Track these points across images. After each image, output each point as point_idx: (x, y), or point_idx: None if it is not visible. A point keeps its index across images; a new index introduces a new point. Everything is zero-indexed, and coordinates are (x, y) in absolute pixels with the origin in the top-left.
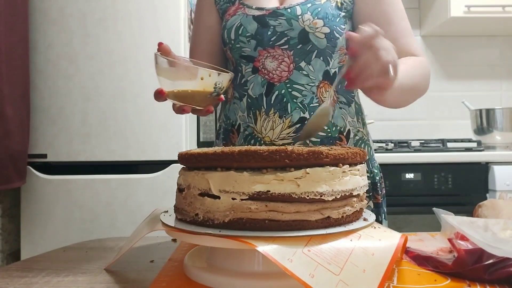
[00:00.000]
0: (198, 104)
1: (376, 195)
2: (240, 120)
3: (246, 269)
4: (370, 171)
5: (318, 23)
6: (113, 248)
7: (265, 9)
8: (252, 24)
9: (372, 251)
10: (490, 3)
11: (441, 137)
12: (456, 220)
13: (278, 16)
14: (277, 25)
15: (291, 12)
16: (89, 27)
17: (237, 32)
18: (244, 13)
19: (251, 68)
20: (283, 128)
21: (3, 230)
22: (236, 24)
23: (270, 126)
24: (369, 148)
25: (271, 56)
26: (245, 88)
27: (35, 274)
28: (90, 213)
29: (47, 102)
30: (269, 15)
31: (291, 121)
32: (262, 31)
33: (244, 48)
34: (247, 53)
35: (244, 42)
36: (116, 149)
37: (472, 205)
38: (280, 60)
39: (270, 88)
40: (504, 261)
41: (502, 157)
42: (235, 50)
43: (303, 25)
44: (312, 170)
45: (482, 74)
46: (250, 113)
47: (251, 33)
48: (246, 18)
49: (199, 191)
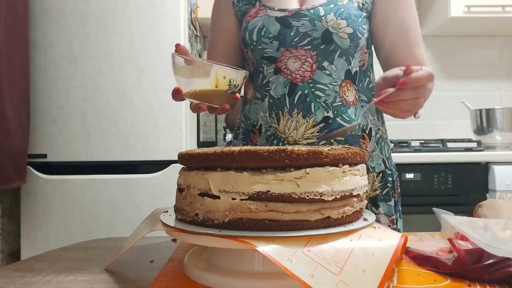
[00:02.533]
0: (214, 102)
1: (394, 193)
2: (262, 121)
3: (246, 269)
4: (390, 169)
5: (342, 23)
6: (113, 248)
7: (287, 10)
8: (274, 25)
9: (372, 251)
10: (490, 3)
11: (441, 137)
12: (456, 220)
13: (301, 17)
14: (300, 26)
15: (314, 13)
16: (89, 27)
17: (259, 34)
18: (266, 14)
19: (273, 69)
20: (307, 128)
21: (3, 230)
22: (259, 26)
23: (293, 126)
24: (387, 147)
25: (293, 56)
26: (267, 89)
27: (35, 274)
28: (90, 213)
29: (47, 102)
30: (292, 16)
31: (315, 120)
32: (285, 32)
33: (266, 49)
34: (270, 54)
35: (266, 44)
36: (116, 149)
37: (472, 205)
38: (303, 60)
39: (292, 88)
40: (504, 261)
41: (502, 157)
42: (257, 51)
43: (327, 25)
44: (312, 170)
45: (482, 74)
46: (273, 113)
47: (273, 34)
48: (269, 20)
49: (199, 191)
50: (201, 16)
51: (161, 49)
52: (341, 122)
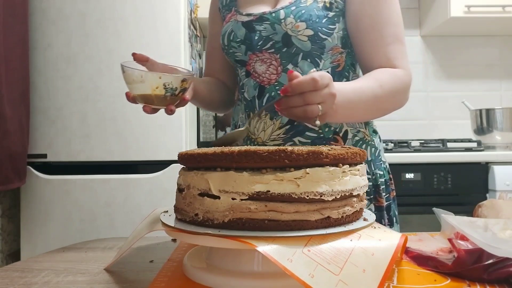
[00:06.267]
0: (157, 104)
1: (379, 198)
2: (240, 121)
3: (246, 269)
4: (372, 173)
5: (301, 25)
6: (113, 248)
7: (253, 14)
8: (241, 30)
9: (372, 251)
10: (490, 3)
11: (441, 137)
12: (456, 220)
13: (264, 21)
14: (262, 29)
15: (275, 16)
16: (88, 27)
17: (229, 38)
18: (236, 19)
19: (245, 72)
20: (273, 130)
21: (3, 230)
22: (228, 31)
23: (262, 127)
24: (373, 149)
25: (260, 60)
26: (242, 91)
27: (35, 274)
28: (90, 213)
29: (46, 102)
30: (255, 21)
31: (281, 122)
32: (250, 36)
33: (236, 53)
34: (240, 57)
35: (235, 48)
36: (115, 149)
37: (472, 205)
38: (268, 63)
39: (261, 91)
40: (504, 261)
41: (502, 157)
42: (229, 55)
43: (286, 28)
44: (312, 170)
45: (482, 74)
46: (246, 114)
47: (240, 38)
48: (237, 24)
49: (199, 191)
50: (201, 16)
51: (160, 49)
52: (307, 124)
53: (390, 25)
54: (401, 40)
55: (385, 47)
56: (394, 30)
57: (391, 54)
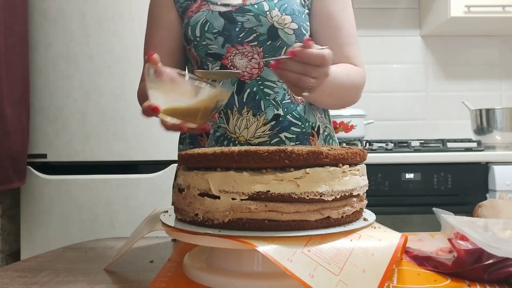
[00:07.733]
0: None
1: None
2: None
3: (246, 269)
4: None
5: (286, 19)
6: (113, 248)
7: (231, 5)
8: (218, 20)
9: (372, 251)
10: (490, 3)
11: (441, 137)
12: (456, 220)
13: (246, 12)
14: (245, 21)
15: (258, 8)
16: (89, 27)
17: (202, 29)
18: (209, 9)
19: (219, 66)
20: (258, 126)
21: (3, 230)
22: (202, 21)
23: (244, 125)
24: (335, 144)
25: (240, 53)
26: None
27: (35, 274)
28: (90, 213)
29: (46, 102)
30: (236, 11)
31: (265, 118)
32: (230, 27)
33: (211, 45)
34: (214, 50)
35: (210, 39)
36: (115, 149)
37: (472, 205)
38: (249, 57)
39: (241, 86)
40: (504, 261)
41: (502, 157)
42: (200, 48)
43: (272, 21)
44: (312, 170)
45: (482, 74)
46: (221, 113)
47: (218, 29)
48: (212, 14)
49: (199, 191)
50: None
51: None
52: (292, 119)
53: (350, 27)
54: (357, 41)
55: (346, 47)
56: (353, 31)
57: (350, 53)
